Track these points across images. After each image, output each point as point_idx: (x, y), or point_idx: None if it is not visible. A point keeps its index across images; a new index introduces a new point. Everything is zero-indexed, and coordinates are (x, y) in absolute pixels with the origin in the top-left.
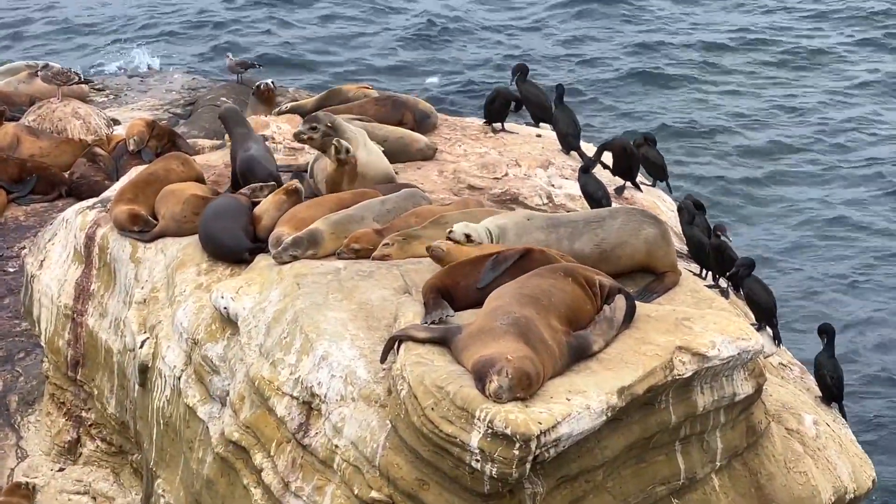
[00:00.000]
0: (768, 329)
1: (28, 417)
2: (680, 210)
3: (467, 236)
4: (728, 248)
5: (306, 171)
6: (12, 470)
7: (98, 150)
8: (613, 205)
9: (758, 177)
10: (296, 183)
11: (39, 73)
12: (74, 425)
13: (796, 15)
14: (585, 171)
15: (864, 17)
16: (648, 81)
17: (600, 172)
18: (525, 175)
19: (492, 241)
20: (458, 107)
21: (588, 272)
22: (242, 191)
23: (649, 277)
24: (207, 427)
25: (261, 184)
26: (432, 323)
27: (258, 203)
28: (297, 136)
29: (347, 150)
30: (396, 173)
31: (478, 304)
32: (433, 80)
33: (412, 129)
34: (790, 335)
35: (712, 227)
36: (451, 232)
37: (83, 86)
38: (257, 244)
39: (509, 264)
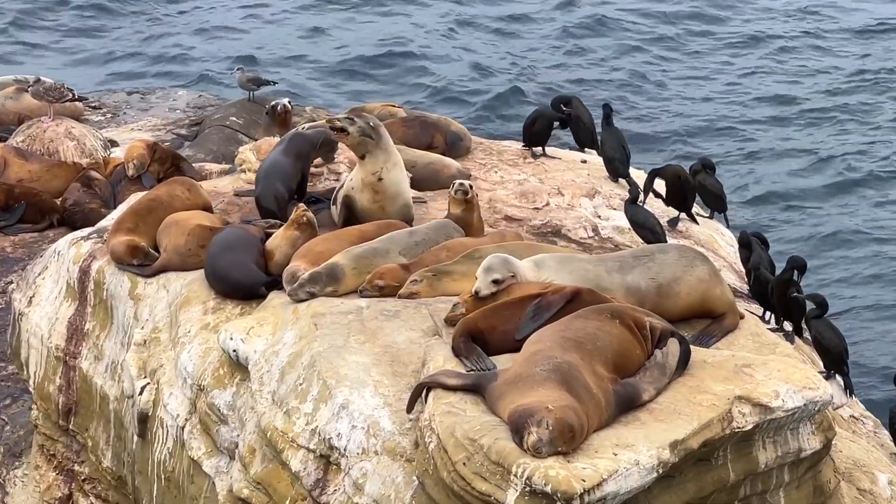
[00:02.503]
0: (838, 378)
1: (14, 471)
2: (741, 245)
3: (495, 282)
4: (795, 287)
5: (329, 199)
6: None
7: (94, 174)
8: (669, 239)
9: (818, 198)
10: (307, 214)
11: (30, 88)
12: (66, 480)
13: None
14: (633, 202)
15: None
16: None
17: (652, 203)
18: (568, 205)
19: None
20: (494, 127)
21: (637, 313)
22: (258, 222)
23: (705, 322)
24: (214, 483)
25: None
26: (471, 370)
27: (270, 235)
28: (330, 122)
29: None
30: (424, 202)
31: (515, 350)
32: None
33: (442, 154)
34: (863, 384)
35: (789, 263)
36: (475, 292)
37: (77, 103)
38: (272, 278)
39: (553, 312)
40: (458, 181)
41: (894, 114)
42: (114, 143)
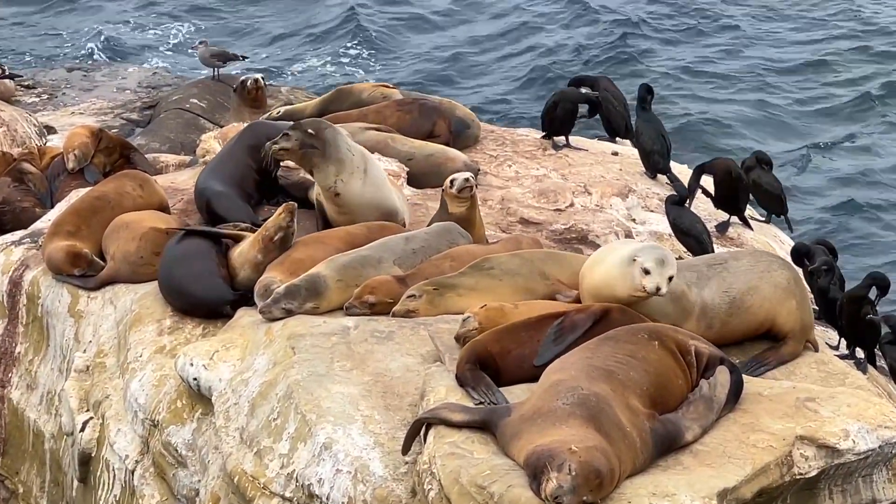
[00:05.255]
0: None
1: None
2: (804, 254)
3: (671, 279)
4: (870, 306)
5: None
6: None
7: (27, 166)
8: (717, 248)
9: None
10: (283, 233)
11: None
12: None
13: None
14: (677, 202)
15: None
16: None
17: (697, 205)
18: (597, 206)
19: None
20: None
21: (680, 335)
22: (224, 225)
23: (761, 347)
24: None
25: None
26: (479, 404)
27: (240, 241)
28: (265, 151)
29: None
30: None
31: (532, 379)
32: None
33: (446, 144)
34: None
35: (867, 279)
36: (656, 289)
37: (7, 81)
38: (240, 293)
39: (579, 335)
40: (457, 175)
41: None
42: (51, 130)
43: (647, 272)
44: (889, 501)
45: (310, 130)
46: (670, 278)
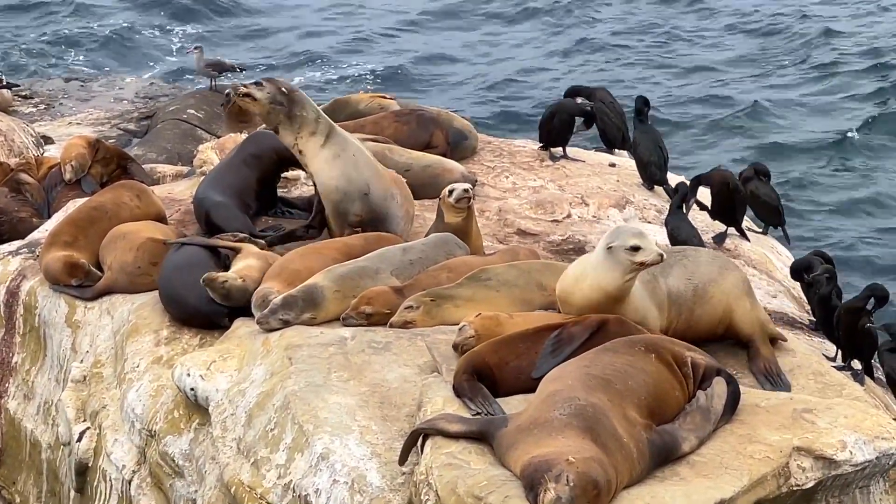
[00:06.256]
0: None
1: None
2: (804, 269)
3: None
4: (866, 315)
5: (305, 209)
6: None
7: (24, 176)
8: None
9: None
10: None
11: None
12: None
13: None
14: (678, 209)
15: None
16: None
17: (694, 216)
18: (594, 217)
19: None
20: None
21: (677, 347)
22: (222, 236)
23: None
24: None
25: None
26: (476, 414)
27: (238, 252)
28: (235, 87)
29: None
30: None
31: (529, 390)
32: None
33: (444, 154)
34: None
35: (866, 290)
36: (660, 256)
37: (5, 91)
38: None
39: (576, 346)
40: (455, 186)
41: None
42: (48, 140)
43: (634, 249)
44: None
45: (283, 89)
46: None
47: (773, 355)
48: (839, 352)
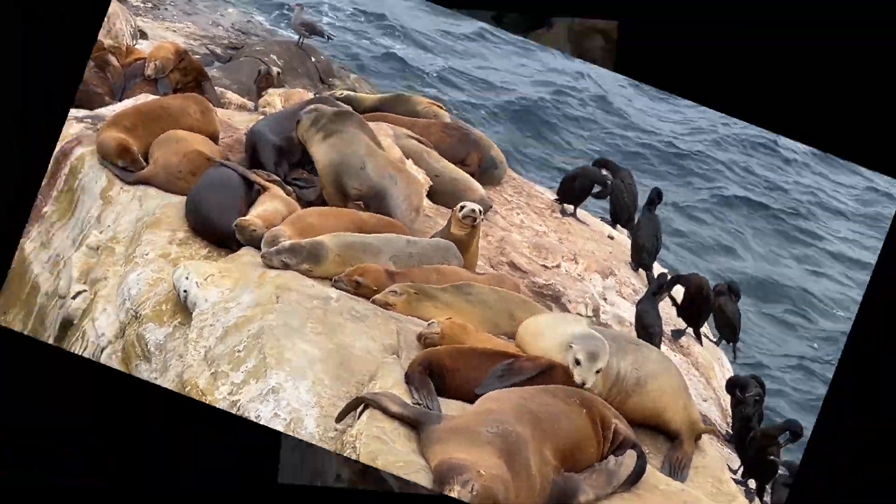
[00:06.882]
0: None
1: None
2: (739, 386)
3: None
4: (776, 446)
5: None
6: None
7: (112, 58)
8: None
9: None
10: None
11: None
12: None
13: None
14: (650, 297)
15: None
16: None
17: (663, 306)
18: (578, 275)
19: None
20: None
21: (607, 411)
22: (258, 172)
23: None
24: None
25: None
26: (417, 404)
27: (265, 190)
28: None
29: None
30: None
31: (469, 401)
32: None
33: (472, 175)
34: None
35: (785, 425)
36: (581, 384)
37: None
38: None
39: (522, 379)
40: (469, 203)
41: None
42: (143, 35)
43: (577, 363)
44: None
45: (332, 114)
46: (598, 371)
47: (691, 453)
48: (742, 467)
